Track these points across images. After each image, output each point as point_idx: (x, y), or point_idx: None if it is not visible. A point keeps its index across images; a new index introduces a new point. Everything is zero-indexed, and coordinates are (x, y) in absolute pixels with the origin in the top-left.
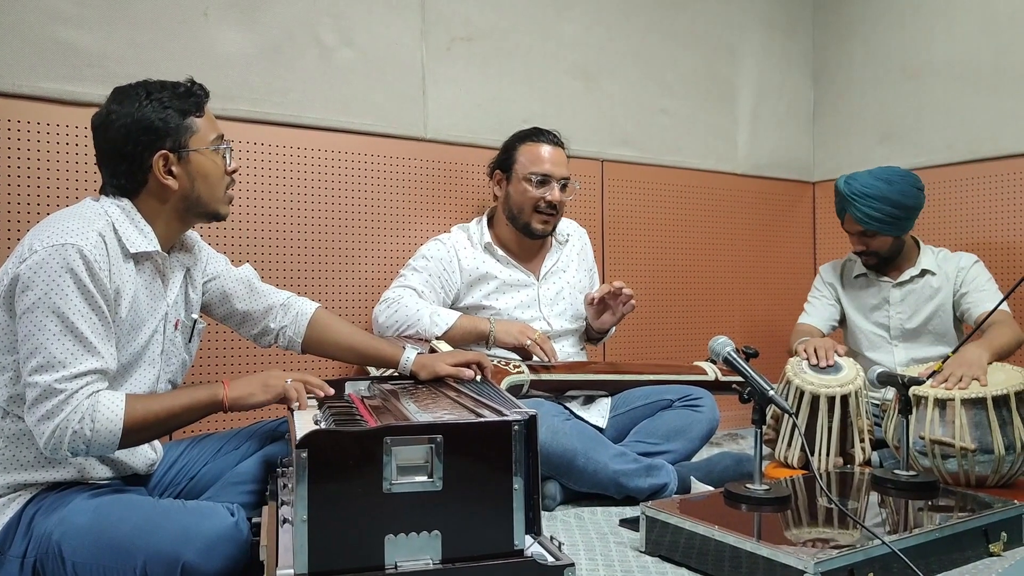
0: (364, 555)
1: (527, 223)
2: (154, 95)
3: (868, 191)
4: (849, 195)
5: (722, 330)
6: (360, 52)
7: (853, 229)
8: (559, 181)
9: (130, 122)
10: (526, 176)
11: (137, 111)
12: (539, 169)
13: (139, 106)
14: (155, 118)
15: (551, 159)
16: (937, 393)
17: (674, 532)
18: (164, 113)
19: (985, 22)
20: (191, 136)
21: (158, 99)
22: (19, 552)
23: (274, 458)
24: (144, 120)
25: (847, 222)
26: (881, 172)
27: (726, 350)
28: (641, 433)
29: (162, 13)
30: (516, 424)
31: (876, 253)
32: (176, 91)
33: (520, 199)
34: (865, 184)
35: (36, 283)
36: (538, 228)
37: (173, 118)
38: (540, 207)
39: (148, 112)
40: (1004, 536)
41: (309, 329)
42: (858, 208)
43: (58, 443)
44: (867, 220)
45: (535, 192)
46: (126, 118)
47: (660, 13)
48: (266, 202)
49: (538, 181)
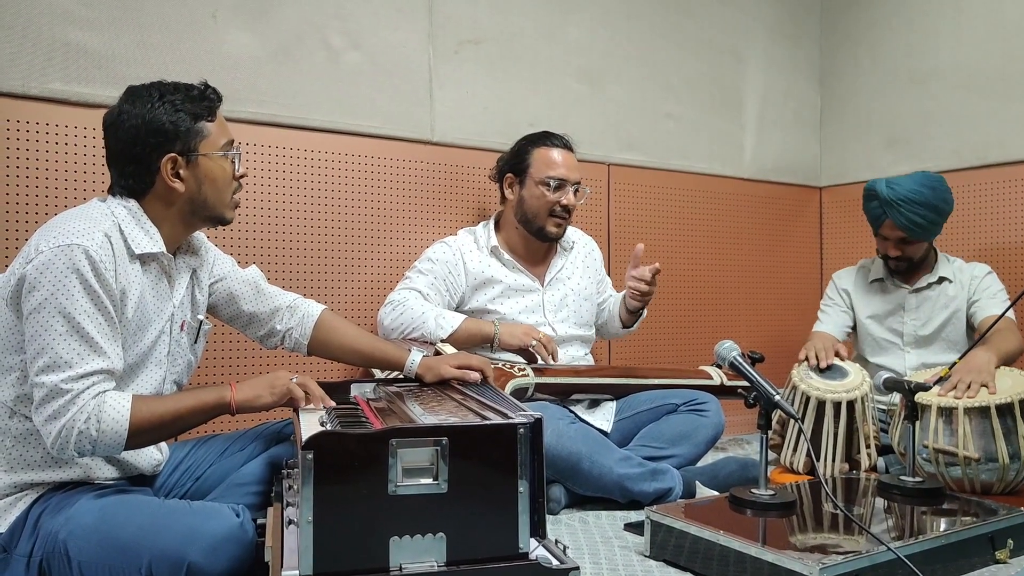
0: (369, 557)
1: (542, 227)
2: (167, 97)
3: (914, 197)
4: (894, 200)
5: (728, 334)
6: (368, 55)
7: (892, 235)
8: (573, 185)
9: (140, 123)
10: (542, 180)
11: (148, 112)
12: (555, 173)
13: (151, 107)
14: (166, 120)
15: (566, 163)
16: (941, 402)
17: (679, 536)
18: (176, 116)
19: (992, 27)
20: (201, 140)
21: (171, 101)
22: (25, 551)
23: (279, 459)
24: (155, 122)
25: (885, 227)
26: (923, 178)
27: (732, 355)
28: (646, 437)
29: (171, 15)
30: (521, 427)
31: (910, 259)
32: (189, 94)
33: (535, 203)
34: (911, 190)
35: (42, 283)
36: (552, 232)
37: (184, 121)
38: (555, 211)
39: (160, 114)
40: (1010, 543)
41: (315, 331)
42: (902, 214)
43: (64, 443)
44: (911, 226)
45: (551, 196)
46: (137, 119)
47: (666, 18)
48: (273, 204)
49: (555, 186)
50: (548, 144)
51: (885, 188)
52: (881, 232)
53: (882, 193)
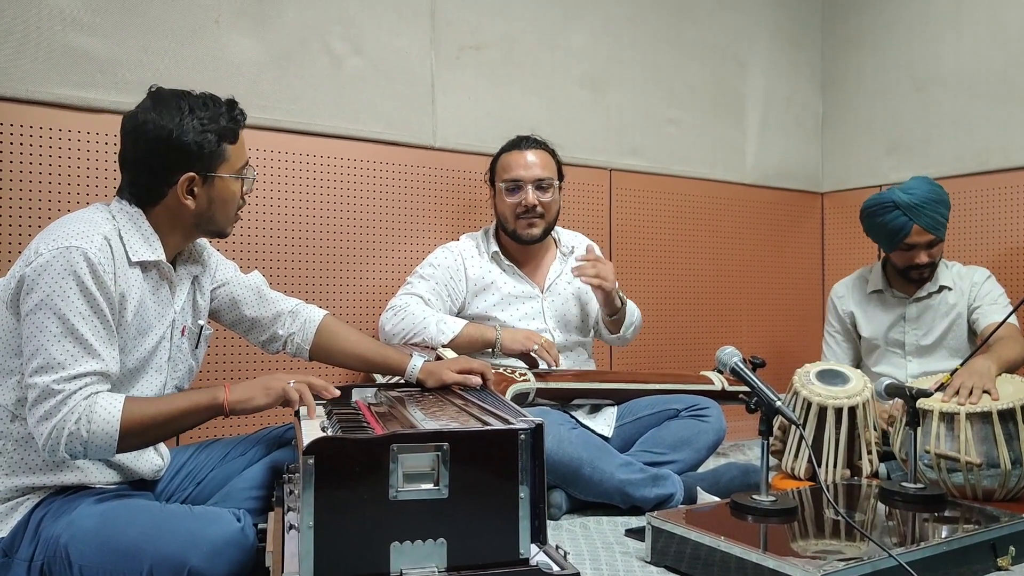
0: (370, 562)
1: (513, 230)
2: (197, 112)
3: (933, 196)
4: (917, 204)
5: (729, 340)
6: (370, 60)
7: (922, 239)
8: (533, 183)
9: (165, 135)
10: (501, 186)
11: (177, 127)
12: (509, 176)
13: (179, 121)
14: (192, 140)
15: (522, 164)
16: (943, 407)
17: (680, 542)
18: (202, 137)
19: (994, 33)
20: (222, 163)
21: (200, 118)
22: (26, 555)
23: (280, 464)
24: (181, 139)
25: (914, 234)
26: (927, 180)
27: (733, 360)
28: (647, 443)
29: (174, 21)
30: (522, 433)
31: (931, 263)
32: (218, 112)
33: (503, 208)
34: (928, 191)
35: (40, 285)
36: (524, 234)
37: (211, 144)
38: (519, 212)
39: (187, 130)
40: (1012, 550)
41: (317, 336)
42: (928, 215)
43: (55, 444)
44: (936, 227)
45: (511, 199)
46: (162, 131)
47: (668, 23)
48: (275, 209)
49: (509, 188)
50: (508, 149)
51: (904, 196)
52: (907, 241)
53: (903, 200)
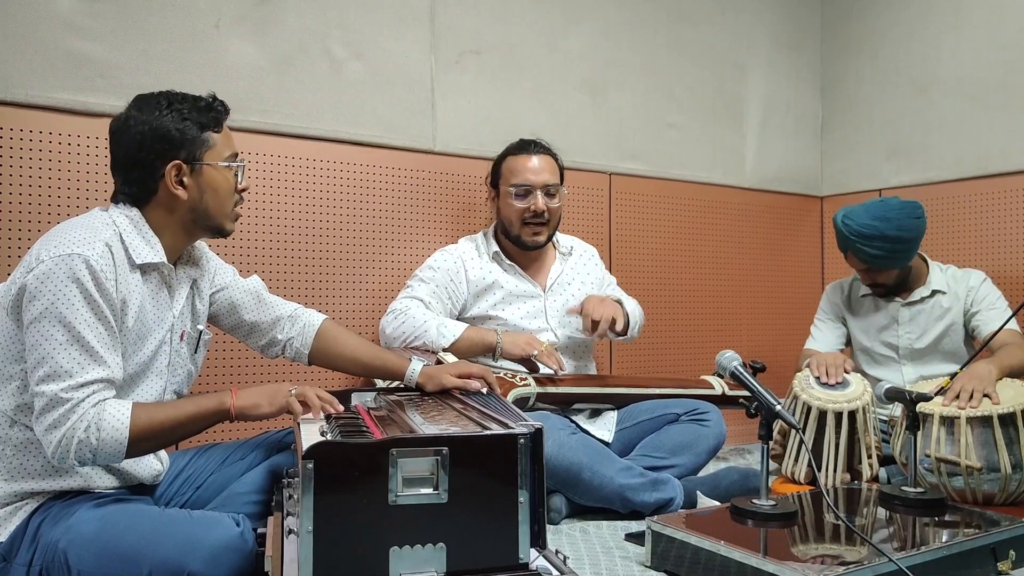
0: (369, 567)
1: (518, 236)
2: (175, 105)
3: (867, 231)
4: (849, 236)
5: (729, 344)
6: (369, 65)
7: (858, 266)
8: (542, 189)
9: (147, 129)
10: (508, 190)
11: (156, 119)
12: (519, 180)
13: (158, 114)
14: (172, 127)
15: (531, 168)
16: (943, 411)
17: (680, 547)
18: (182, 124)
19: (994, 37)
20: (207, 150)
21: (178, 110)
22: (25, 560)
23: (280, 468)
24: (161, 128)
25: (850, 259)
26: (876, 209)
27: (733, 364)
28: (647, 447)
29: (174, 25)
30: (522, 437)
31: (884, 284)
32: (197, 104)
33: (508, 213)
34: (862, 225)
35: (43, 293)
36: (528, 240)
37: (191, 130)
38: (526, 218)
39: (167, 121)
40: (1012, 555)
41: (316, 341)
42: (860, 248)
43: (65, 452)
44: (870, 259)
45: (519, 204)
46: (144, 125)
47: (668, 27)
48: (275, 213)
49: (519, 194)
50: (515, 152)
51: (841, 223)
52: (848, 262)
53: (838, 227)
